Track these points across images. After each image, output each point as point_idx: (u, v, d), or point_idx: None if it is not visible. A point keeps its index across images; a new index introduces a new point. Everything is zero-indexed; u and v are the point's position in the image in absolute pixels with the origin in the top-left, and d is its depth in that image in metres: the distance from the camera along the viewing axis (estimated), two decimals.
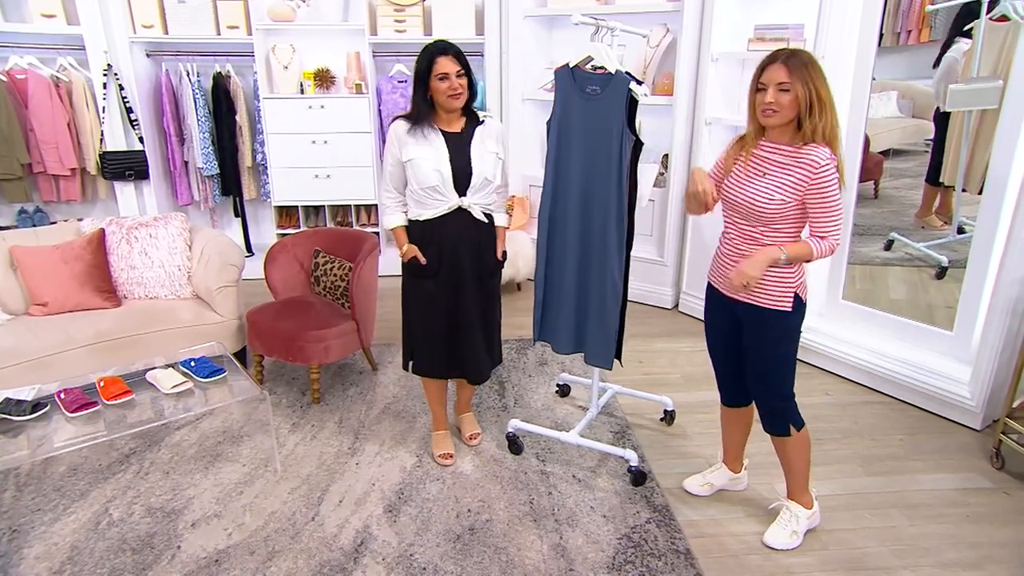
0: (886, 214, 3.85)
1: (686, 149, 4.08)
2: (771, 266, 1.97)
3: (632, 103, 2.22)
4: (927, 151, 3.94)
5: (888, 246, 3.79)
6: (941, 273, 3.58)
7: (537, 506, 2.45)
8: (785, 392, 2.15)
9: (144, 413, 2.50)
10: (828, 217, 1.94)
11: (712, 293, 2.25)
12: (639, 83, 2.19)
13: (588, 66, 2.37)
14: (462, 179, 2.40)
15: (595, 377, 2.80)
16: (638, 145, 2.26)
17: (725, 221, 2.14)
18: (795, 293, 2.04)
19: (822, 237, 1.95)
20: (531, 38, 4.65)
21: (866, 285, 3.71)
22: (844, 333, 3.48)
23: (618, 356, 2.58)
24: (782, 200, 1.94)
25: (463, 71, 2.32)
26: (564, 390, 3.26)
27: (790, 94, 1.87)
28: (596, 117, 2.29)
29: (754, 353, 2.15)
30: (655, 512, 2.42)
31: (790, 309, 2.05)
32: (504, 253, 2.58)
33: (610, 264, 2.37)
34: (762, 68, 1.92)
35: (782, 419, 2.17)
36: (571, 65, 2.36)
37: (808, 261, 1.99)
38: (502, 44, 4.63)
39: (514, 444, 2.77)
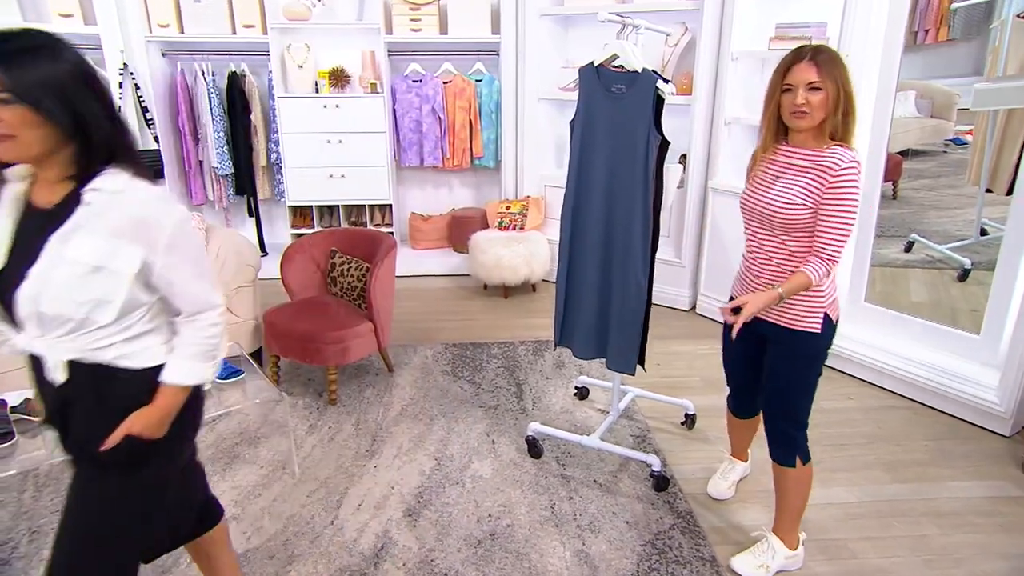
0: (905, 215, 3.80)
1: (705, 149, 4.03)
2: (775, 302, 1.83)
3: (658, 102, 2.18)
4: (946, 151, 3.88)
5: (908, 247, 3.73)
6: (963, 275, 3.52)
7: (559, 511, 2.42)
8: (800, 419, 2.02)
9: None
10: (835, 228, 1.77)
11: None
12: (666, 81, 2.15)
13: (612, 64, 2.34)
14: (8, 303, 1.31)
15: (616, 380, 2.76)
16: (664, 144, 2.22)
17: (746, 233, 2.01)
18: (824, 313, 1.90)
19: (823, 256, 1.79)
20: (547, 37, 4.61)
21: (887, 287, 3.66)
22: (867, 336, 3.42)
23: (641, 362, 2.54)
24: (801, 204, 1.81)
25: (9, 94, 1.19)
26: (582, 393, 3.23)
27: (821, 93, 1.75)
28: (622, 116, 2.25)
29: (775, 374, 2.01)
30: (679, 518, 2.38)
31: (818, 331, 1.90)
32: (145, 443, 1.38)
33: (634, 267, 2.33)
34: (787, 67, 1.79)
35: (791, 448, 2.03)
36: (596, 64, 2.32)
37: (807, 289, 1.84)
38: (518, 43, 4.60)
39: (534, 448, 2.74)
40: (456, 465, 2.69)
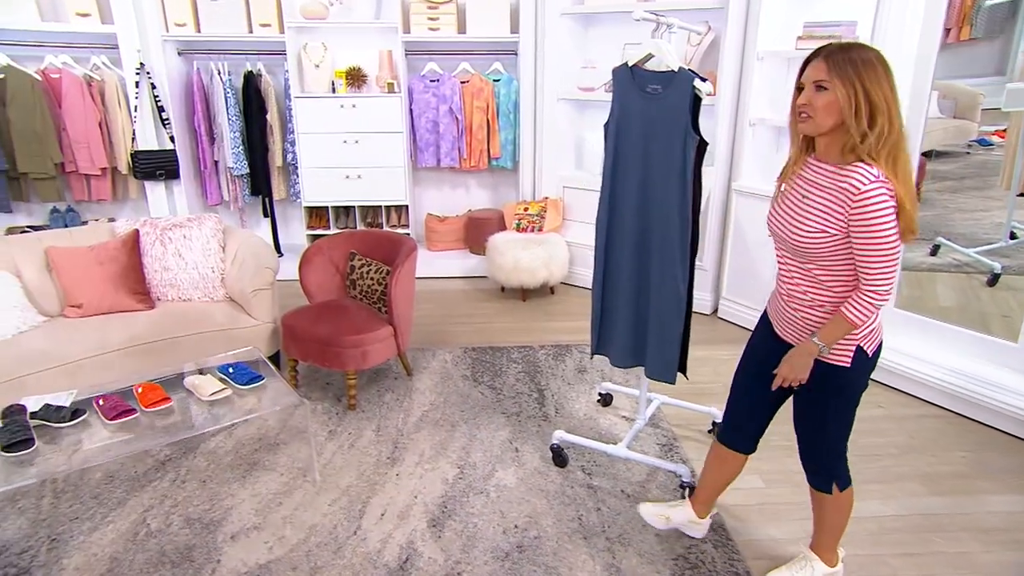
0: (930, 218, 3.71)
1: (728, 151, 3.96)
2: (814, 356, 1.74)
3: (695, 101, 2.11)
4: (969, 152, 3.79)
5: (934, 251, 3.65)
6: (993, 280, 3.44)
7: (586, 523, 2.36)
8: (833, 448, 1.89)
9: (183, 421, 2.44)
10: (873, 261, 1.57)
11: (765, 321, 1.99)
12: (703, 80, 2.08)
13: (645, 65, 2.27)
14: None
15: (643, 387, 2.70)
16: (703, 145, 2.14)
17: (775, 253, 1.86)
18: (857, 346, 1.73)
19: (866, 293, 1.61)
20: (567, 36, 4.55)
21: (914, 292, 3.58)
22: (897, 342, 3.33)
23: (683, 369, 2.47)
24: (822, 231, 1.62)
25: None
26: (606, 399, 3.16)
27: (828, 94, 1.55)
28: (658, 117, 2.18)
29: (804, 404, 1.87)
30: (710, 531, 2.31)
31: (848, 365, 1.74)
32: None
33: (673, 272, 2.25)
34: (804, 64, 1.63)
35: (826, 476, 1.92)
36: (630, 64, 2.25)
37: (854, 329, 1.68)
38: (537, 42, 4.53)
39: (559, 456, 2.67)
40: (480, 474, 2.63)
